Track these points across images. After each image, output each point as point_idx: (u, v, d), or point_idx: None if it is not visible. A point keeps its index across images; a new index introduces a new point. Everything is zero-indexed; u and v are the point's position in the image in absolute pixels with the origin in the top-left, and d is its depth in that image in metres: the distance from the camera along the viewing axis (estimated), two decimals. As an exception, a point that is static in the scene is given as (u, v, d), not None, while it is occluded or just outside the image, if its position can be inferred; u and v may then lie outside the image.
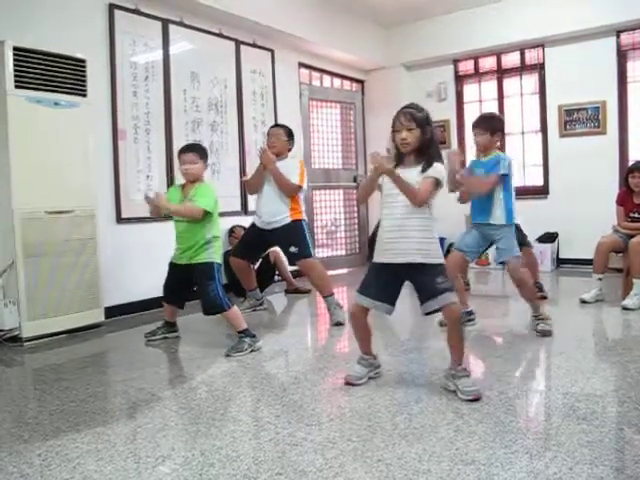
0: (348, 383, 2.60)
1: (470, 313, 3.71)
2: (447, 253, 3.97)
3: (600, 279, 4.26)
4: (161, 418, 2.32)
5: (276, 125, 4.39)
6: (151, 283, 4.33)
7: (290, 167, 4.03)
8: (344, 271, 6.70)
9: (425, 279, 2.45)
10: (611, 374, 2.73)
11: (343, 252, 7.01)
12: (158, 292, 3.62)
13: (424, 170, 2.45)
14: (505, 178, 3.41)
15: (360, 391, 2.53)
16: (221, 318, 3.36)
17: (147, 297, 4.43)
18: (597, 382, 2.58)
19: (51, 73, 3.66)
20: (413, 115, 2.45)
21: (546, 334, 3.35)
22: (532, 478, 1.70)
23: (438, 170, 2.46)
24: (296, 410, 2.36)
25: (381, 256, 2.54)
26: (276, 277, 5.36)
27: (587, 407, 2.28)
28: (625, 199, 4.36)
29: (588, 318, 3.99)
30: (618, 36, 5.80)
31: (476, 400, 2.33)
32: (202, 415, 2.32)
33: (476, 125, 3.53)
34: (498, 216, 3.42)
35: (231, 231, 5.14)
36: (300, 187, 4.03)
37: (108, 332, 3.94)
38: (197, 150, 3.37)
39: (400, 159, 2.54)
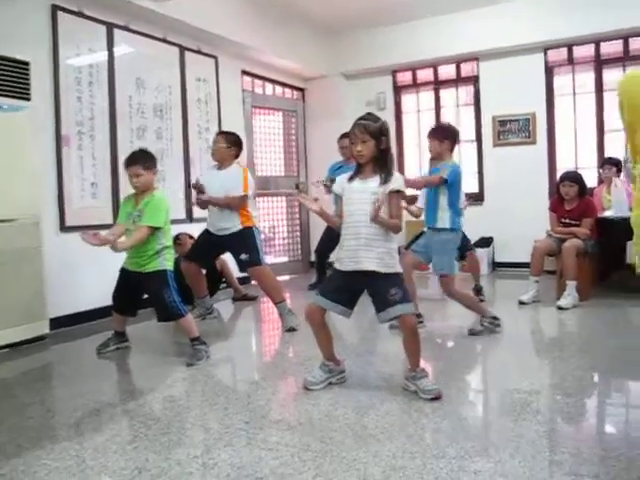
0: (305, 388, 2.64)
1: (419, 316, 3.84)
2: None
3: (537, 281, 4.52)
4: (129, 430, 2.29)
5: (219, 133, 4.37)
6: (98, 292, 4.22)
7: (232, 177, 4.04)
8: (286, 278, 6.73)
9: (379, 289, 2.52)
10: (555, 369, 2.92)
11: (285, 259, 7.05)
12: (105, 301, 3.54)
13: (384, 181, 2.52)
14: (448, 184, 3.55)
15: (324, 394, 2.58)
16: (169, 326, 3.32)
17: (94, 307, 4.30)
18: (544, 377, 2.77)
19: (-8, 76, 3.51)
20: (367, 127, 2.51)
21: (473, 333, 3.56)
22: (500, 467, 1.82)
23: (399, 182, 2.55)
24: (265, 416, 2.39)
25: (340, 263, 2.60)
26: (222, 285, 5.34)
27: (538, 400, 2.45)
28: (557, 206, 4.65)
29: (527, 318, 4.23)
30: (545, 53, 6.18)
31: (437, 399, 2.43)
32: (171, 425, 2.31)
33: (428, 134, 3.71)
34: (440, 219, 3.57)
35: (176, 238, 5.05)
36: (245, 196, 4.02)
37: (53, 344, 3.79)
38: (140, 161, 3.26)
39: (358, 170, 2.62)
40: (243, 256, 4.04)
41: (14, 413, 2.52)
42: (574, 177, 4.57)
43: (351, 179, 2.62)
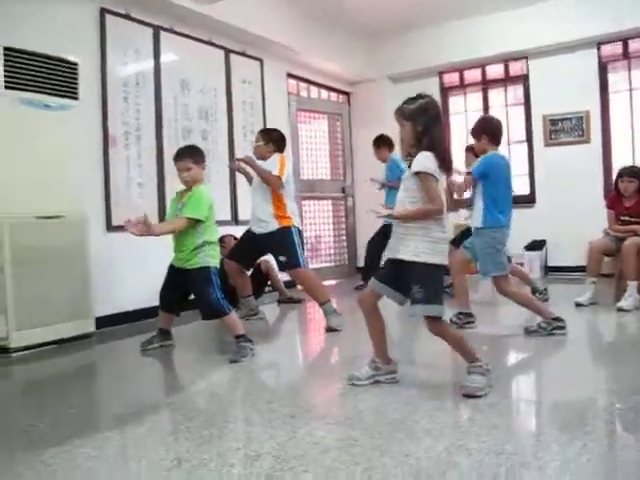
0: (350, 383, 2.51)
1: (470, 315, 3.68)
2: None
3: (594, 282, 4.27)
4: (170, 422, 2.24)
5: (259, 131, 4.33)
6: (143, 294, 4.24)
7: (268, 163, 3.99)
8: (333, 282, 6.64)
9: (407, 281, 2.37)
10: (616, 374, 2.71)
11: (332, 263, 6.96)
12: (150, 302, 3.53)
13: (409, 164, 2.40)
14: (481, 178, 3.41)
15: (372, 391, 2.46)
16: (214, 326, 3.26)
17: (138, 307, 4.32)
18: (604, 382, 2.57)
19: (42, 75, 3.58)
20: (402, 110, 2.42)
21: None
22: (567, 465, 1.66)
23: (420, 162, 2.33)
24: (310, 410, 2.30)
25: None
26: (268, 288, 5.29)
27: (605, 398, 2.26)
28: (615, 203, 4.41)
29: (585, 320, 3.99)
30: (599, 48, 5.94)
31: (468, 396, 2.24)
32: (213, 418, 2.24)
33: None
34: (477, 218, 3.44)
35: (221, 240, 5.04)
36: (279, 178, 3.91)
37: (99, 342, 3.80)
38: (189, 155, 3.28)
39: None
40: (281, 258, 3.98)
41: (58, 404, 2.50)
42: (634, 172, 4.33)
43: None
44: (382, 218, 2.88)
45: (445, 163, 2.39)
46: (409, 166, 2.42)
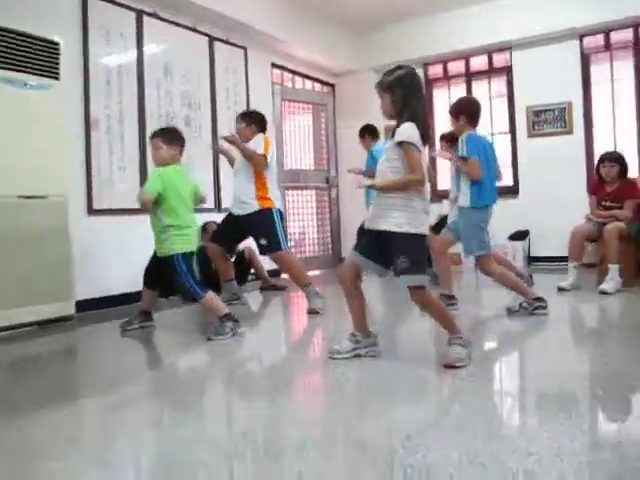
0: (330, 357, 2.48)
1: (452, 297, 3.68)
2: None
3: (575, 267, 4.30)
4: (145, 393, 2.21)
5: (239, 114, 4.31)
6: (124, 278, 4.21)
7: (253, 142, 3.96)
8: (316, 272, 6.62)
9: (389, 251, 2.34)
10: (596, 356, 2.72)
11: (315, 253, 6.95)
12: (132, 287, 3.50)
13: (392, 135, 2.39)
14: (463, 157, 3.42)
15: (352, 364, 2.43)
16: (199, 311, 3.23)
17: (120, 292, 4.27)
18: (585, 363, 2.59)
19: (23, 53, 3.54)
20: (381, 82, 2.43)
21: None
22: (544, 425, 1.66)
23: (404, 132, 2.32)
24: (289, 382, 2.28)
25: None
26: (251, 276, 5.27)
27: (585, 379, 2.28)
28: (597, 188, 4.45)
29: (567, 303, 4.01)
30: (581, 40, 5.99)
31: (449, 367, 2.22)
32: (190, 389, 2.22)
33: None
34: (462, 197, 3.45)
35: (203, 228, 5.01)
36: (264, 156, 3.89)
37: (79, 325, 3.75)
38: (161, 134, 3.28)
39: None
40: (262, 241, 3.94)
41: (36, 378, 2.46)
42: (615, 157, 4.37)
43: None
44: (362, 189, 2.87)
45: (426, 134, 2.39)
46: (392, 136, 2.42)
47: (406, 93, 2.38)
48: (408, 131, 2.32)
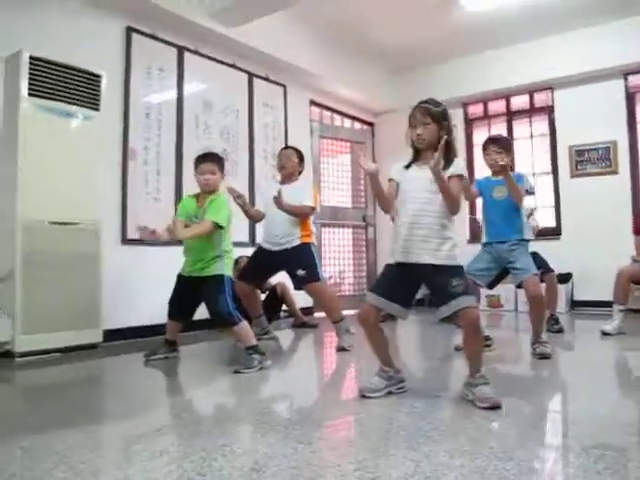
0: (362, 395, 2.36)
1: (487, 338, 3.51)
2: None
3: (621, 310, 4.07)
4: (158, 420, 2.13)
5: (287, 147, 4.34)
6: (153, 309, 4.17)
7: (302, 190, 3.94)
8: (351, 312, 6.48)
9: (438, 283, 2.29)
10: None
11: (351, 292, 6.83)
12: (160, 319, 3.44)
13: (445, 167, 2.34)
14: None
15: (376, 400, 2.32)
16: (227, 345, 3.17)
17: (149, 323, 4.24)
18: (622, 406, 2.39)
19: (66, 84, 3.66)
20: (429, 110, 2.37)
21: (545, 356, 3.18)
22: (582, 472, 1.50)
23: (461, 166, 2.37)
24: (309, 415, 2.17)
25: (394, 255, 2.39)
26: (284, 313, 5.20)
27: (611, 415, 2.09)
28: (641, 228, 4.25)
29: (611, 349, 3.76)
30: (626, 78, 5.85)
31: (493, 408, 2.10)
32: (204, 419, 2.14)
33: (491, 144, 3.52)
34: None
35: (236, 262, 4.98)
36: (314, 209, 3.93)
37: (106, 354, 3.72)
38: (216, 160, 3.29)
39: (416, 156, 2.45)
40: (300, 272, 3.87)
41: (49, 403, 2.43)
42: (662, 196, 4.17)
43: (408, 166, 2.45)
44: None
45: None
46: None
47: (450, 129, 2.38)
48: (462, 166, 2.39)
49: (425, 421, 2.00)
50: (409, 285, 2.40)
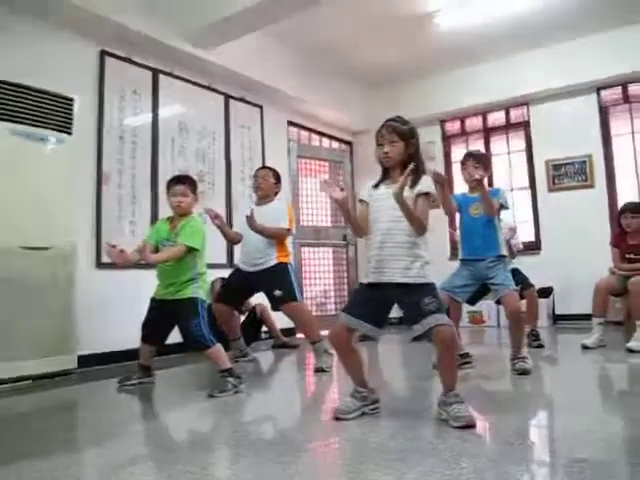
0: (337, 418, 2.30)
1: (467, 355, 3.48)
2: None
3: (600, 323, 4.07)
4: (128, 447, 2.06)
5: (263, 167, 4.33)
6: (130, 334, 4.06)
7: (278, 211, 3.92)
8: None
9: (410, 301, 2.26)
10: (620, 415, 2.50)
11: (332, 311, 6.78)
12: (136, 344, 3.37)
13: (413, 185, 2.33)
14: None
15: (350, 422, 2.27)
16: (203, 369, 3.12)
17: (125, 348, 4.14)
18: (613, 423, 2.37)
19: (37, 108, 3.62)
20: (395, 128, 2.36)
21: (524, 372, 3.15)
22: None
23: (427, 183, 2.35)
24: (283, 438, 2.12)
25: (367, 276, 2.37)
26: (265, 335, 5.13)
27: (586, 430, 2.06)
28: (620, 240, 4.27)
29: (592, 362, 3.75)
30: (599, 93, 5.94)
31: (468, 427, 2.05)
32: (174, 445, 2.08)
33: (469, 160, 3.52)
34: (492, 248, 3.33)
35: (212, 285, 4.90)
36: (290, 230, 3.91)
37: (80, 380, 3.63)
38: (188, 182, 3.26)
39: (385, 174, 2.44)
40: (277, 292, 3.83)
41: (18, 430, 2.35)
42: (637, 207, 4.20)
43: (377, 186, 2.44)
44: None
45: None
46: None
47: (417, 147, 2.38)
48: (430, 184, 2.35)
49: (398, 441, 1.96)
50: (381, 304, 2.37)
